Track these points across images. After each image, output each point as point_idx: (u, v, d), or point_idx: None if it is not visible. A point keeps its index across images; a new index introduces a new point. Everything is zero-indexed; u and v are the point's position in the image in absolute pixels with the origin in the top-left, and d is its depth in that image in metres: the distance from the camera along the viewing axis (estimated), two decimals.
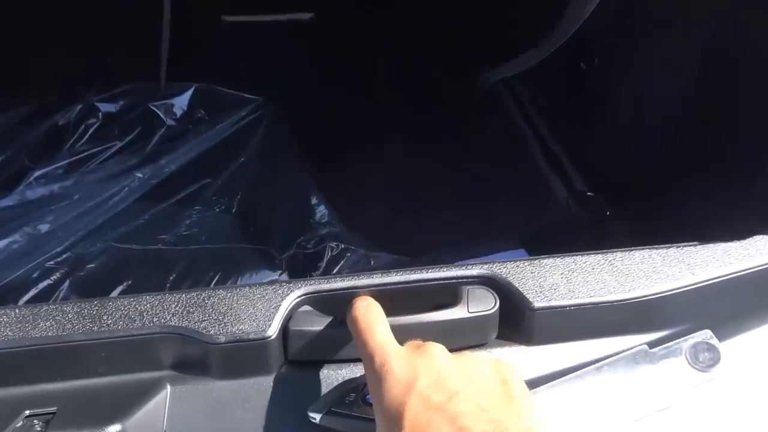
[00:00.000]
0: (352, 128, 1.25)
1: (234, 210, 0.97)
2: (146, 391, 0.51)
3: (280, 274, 0.90)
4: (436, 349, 0.44)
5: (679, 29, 1.03)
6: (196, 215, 0.96)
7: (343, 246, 0.96)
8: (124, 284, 0.84)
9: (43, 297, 0.81)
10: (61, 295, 0.81)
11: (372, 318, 0.47)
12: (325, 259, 0.95)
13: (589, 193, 1.19)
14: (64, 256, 0.86)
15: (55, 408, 0.49)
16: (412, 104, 1.33)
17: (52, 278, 0.83)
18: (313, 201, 1.04)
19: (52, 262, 0.85)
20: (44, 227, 0.91)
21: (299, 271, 0.93)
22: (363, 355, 0.45)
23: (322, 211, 1.02)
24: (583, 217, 1.14)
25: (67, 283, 0.82)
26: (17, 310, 0.51)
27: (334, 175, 1.10)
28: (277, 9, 1.57)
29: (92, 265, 0.85)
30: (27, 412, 0.49)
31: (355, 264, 0.97)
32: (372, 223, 1.03)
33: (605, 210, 1.14)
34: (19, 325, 0.50)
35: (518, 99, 1.39)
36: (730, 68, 0.87)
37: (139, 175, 0.99)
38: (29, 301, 0.81)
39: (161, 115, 1.17)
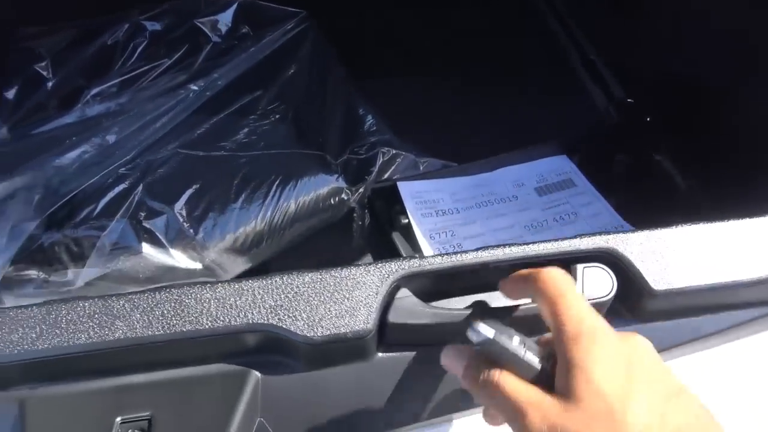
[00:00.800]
0: (395, 42, 1.26)
1: (288, 119, 1.01)
2: (238, 383, 0.48)
3: (336, 178, 0.94)
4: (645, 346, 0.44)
5: None
6: (252, 124, 0.99)
7: (393, 151, 1.00)
8: (193, 187, 0.88)
9: (119, 200, 0.86)
10: (136, 198, 0.86)
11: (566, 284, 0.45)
12: (378, 164, 0.99)
13: (628, 100, 1.20)
14: (135, 163, 0.90)
15: (148, 413, 0.47)
16: (457, 17, 1.34)
17: (126, 183, 0.88)
18: (361, 111, 1.07)
19: (123, 169, 0.90)
20: (111, 138, 0.95)
21: (354, 173, 0.97)
22: (560, 321, 0.43)
23: (370, 120, 1.05)
24: (623, 122, 1.16)
25: (140, 187, 0.87)
26: (96, 301, 0.48)
27: (379, 87, 1.13)
28: None
29: (162, 170, 0.90)
30: (119, 420, 0.47)
31: (406, 168, 1.00)
32: (420, 130, 1.07)
33: (645, 116, 1.16)
34: (99, 319, 0.48)
35: (556, 10, 1.39)
36: None
37: (194, 88, 1.02)
38: (107, 204, 0.86)
39: (207, 31, 1.19)
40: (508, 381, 0.42)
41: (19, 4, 1.30)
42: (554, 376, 0.42)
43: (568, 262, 0.51)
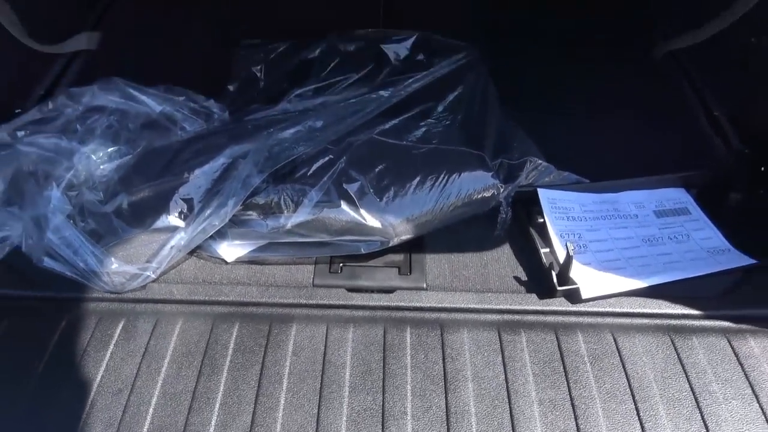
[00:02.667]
0: (540, 77, 1.50)
1: (456, 125, 1.25)
2: None
3: (491, 176, 1.17)
4: None
5: None
6: (427, 126, 1.24)
7: (539, 162, 1.22)
8: (382, 165, 1.13)
9: (326, 167, 1.12)
10: (339, 167, 1.12)
11: None
12: (525, 170, 1.21)
13: (745, 150, 1.37)
14: (339, 143, 1.16)
15: None
16: (594, 69, 1.56)
17: (332, 155, 1.14)
18: (512, 127, 1.30)
19: (329, 146, 1.16)
20: (318, 123, 1.22)
21: (504, 175, 1.20)
22: None
23: (520, 135, 1.27)
24: (739, 169, 1.33)
25: (343, 159, 1.13)
26: None
27: (527, 108, 1.36)
28: None
29: (360, 150, 1.15)
30: None
31: (543, 175, 1.22)
32: (560, 150, 1.28)
33: (759, 165, 1.31)
34: None
35: (683, 64, 1.58)
36: None
37: (384, 94, 1.28)
38: (317, 169, 1.12)
39: (389, 55, 1.47)
40: None
41: (243, 25, 1.64)
42: None
43: None
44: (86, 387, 0.94)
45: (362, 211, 1.10)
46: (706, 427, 0.91)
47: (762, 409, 0.94)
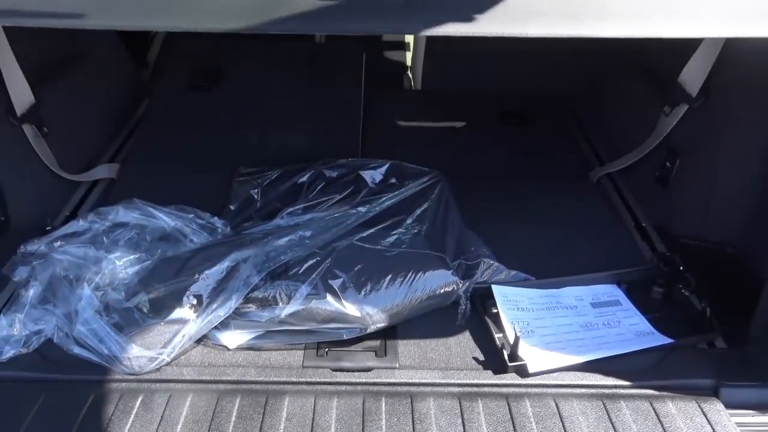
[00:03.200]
0: (494, 196, 1.79)
1: (422, 234, 1.51)
2: None
3: (451, 274, 1.41)
4: None
5: (742, 136, 1.52)
6: (398, 234, 1.50)
7: (492, 263, 1.47)
8: (361, 264, 1.38)
9: (315, 266, 1.36)
10: (325, 267, 1.36)
11: None
12: (480, 270, 1.46)
13: (667, 253, 1.64)
14: (325, 248, 1.41)
15: None
16: (541, 188, 1.87)
17: (319, 257, 1.38)
18: (469, 234, 1.56)
19: (317, 250, 1.41)
20: (308, 233, 1.47)
21: (462, 273, 1.44)
22: None
23: (476, 241, 1.53)
24: (662, 269, 1.58)
25: (328, 260, 1.37)
26: None
27: (482, 220, 1.63)
28: (439, 120, 2.19)
29: (342, 254, 1.40)
30: None
31: (495, 274, 1.47)
32: (510, 254, 1.53)
33: (679, 266, 1.57)
34: None
35: (616, 185, 1.89)
36: None
37: (362, 210, 1.55)
38: (307, 269, 1.36)
39: (366, 179, 1.75)
40: None
41: (240, 156, 1.93)
42: None
43: None
44: None
45: (344, 302, 1.33)
46: None
47: None
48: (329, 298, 1.33)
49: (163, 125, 2.11)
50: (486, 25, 1.05)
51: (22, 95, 1.65)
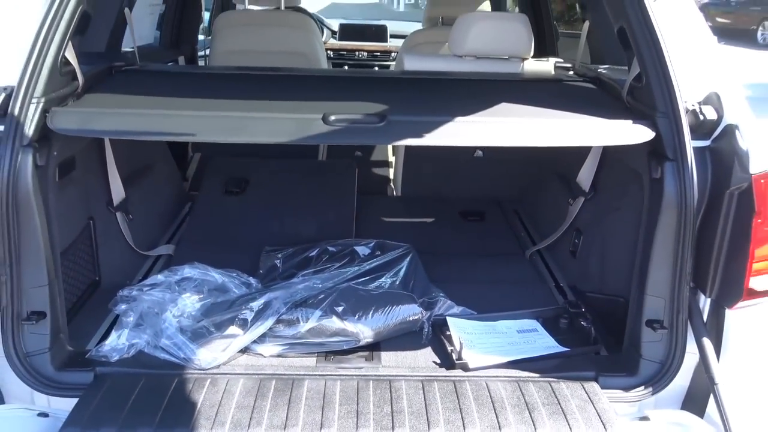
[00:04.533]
0: (450, 267, 2.47)
1: (398, 283, 2.17)
2: None
3: (417, 306, 2.06)
4: None
5: (625, 215, 2.21)
6: (381, 283, 2.17)
7: (447, 301, 2.13)
8: (354, 299, 2.03)
9: (324, 299, 2.01)
10: (331, 299, 2.01)
11: None
12: (437, 305, 2.11)
13: (574, 300, 2.30)
14: (330, 289, 2.07)
15: None
16: (486, 261, 2.56)
17: (321, 297, 2.04)
18: (431, 285, 2.23)
19: (320, 294, 2.06)
20: (318, 282, 2.13)
21: (425, 307, 2.09)
22: None
23: (436, 289, 2.20)
24: (568, 309, 2.23)
25: (333, 296, 2.02)
26: None
27: (441, 279, 2.30)
28: (414, 216, 2.91)
29: (342, 292, 2.05)
30: None
31: (449, 309, 2.12)
32: (462, 300, 2.19)
33: (581, 307, 2.23)
34: None
35: (544, 259, 2.58)
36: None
37: (356, 269, 2.22)
38: (319, 300, 2.01)
39: (359, 252, 2.43)
40: None
41: (264, 241, 2.61)
42: None
43: None
44: (192, 409, 1.70)
45: (345, 322, 1.97)
46: (533, 424, 1.68)
47: (565, 416, 1.71)
48: (334, 319, 1.97)
49: (206, 218, 2.81)
50: (430, 140, 1.79)
51: (117, 191, 2.35)
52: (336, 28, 5.55)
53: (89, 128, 1.79)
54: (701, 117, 1.82)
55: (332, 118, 1.81)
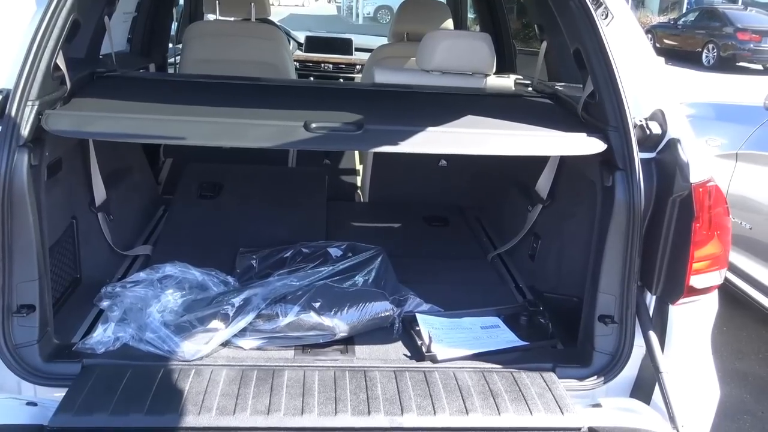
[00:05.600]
0: (415, 268, 2.62)
1: (369, 282, 2.31)
2: None
3: (389, 303, 2.20)
4: None
5: (580, 221, 2.40)
6: (353, 282, 2.30)
7: (416, 299, 2.27)
8: (330, 296, 2.15)
9: (302, 295, 2.13)
10: (308, 295, 2.13)
11: None
12: (408, 302, 2.26)
13: (532, 299, 2.47)
14: (307, 287, 2.19)
15: None
16: (449, 265, 2.72)
17: (299, 293, 2.16)
18: (401, 286, 2.37)
19: (298, 290, 2.18)
20: (294, 281, 2.26)
21: (396, 304, 2.23)
22: None
23: (405, 288, 2.34)
24: (528, 308, 2.40)
25: (310, 292, 2.14)
26: None
27: (409, 281, 2.44)
28: (381, 222, 3.06)
29: (319, 289, 2.18)
30: None
31: (418, 306, 2.27)
32: (428, 295, 2.34)
33: (539, 306, 2.40)
34: None
35: (504, 262, 2.76)
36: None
37: (329, 268, 2.35)
38: (297, 296, 2.13)
39: (331, 254, 2.57)
40: None
41: (239, 243, 2.71)
42: None
43: None
44: (179, 396, 1.80)
45: (321, 317, 2.09)
46: (497, 408, 1.84)
47: (526, 402, 1.87)
48: (312, 314, 2.09)
49: (182, 219, 2.90)
50: (405, 147, 1.94)
51: (100, 192, 2.44)
52: (302, 39, 5.68)
53: (84, 130, 1.88)
54: (648, 131, 2.02)
55: (313, 125, 1.95)
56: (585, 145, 2.07)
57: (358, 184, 3.67)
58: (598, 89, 2.12)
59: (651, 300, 2.06)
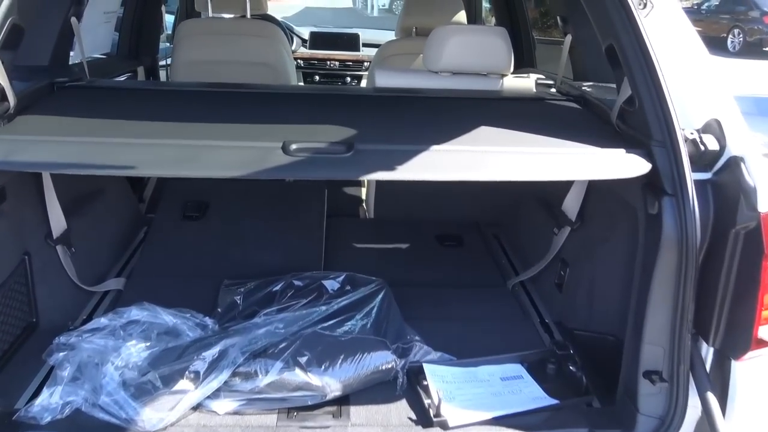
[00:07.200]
0: (425, 300, 2.27)
1: (369, 324, 1.97)
2: None
3: (391, 354, 1.86)
4: None
5: (615, 247, 2.04)
6: (350, 326, 1.95)
7: (423, 346, 1.92)
8: (320, 347, 1.81)
9: (287, 348, 1.79)
10: (294, 348, 1.79)
11: None
12: (413, 351, 1.91)
13: (561, 340, 2.11)
14: (294, 335, 1.85)
15: None
16: (466, 294, 2.36)
17: (283, 345, 1.82)
18: (406, 327, 2.03)
19: (286, 337, 1.85)
20: (281, 326, 1.92)
21: (399, 354, 1.89)
22: None
23: (410, 330, 1.99)
24: (556, 351, 2.05)
25: (297, 343, 1.81)
26: None
27: (417, 317, 2.10)
28: (387, 242, 2.71)
29: (307, 339, 1.84)
30: None
31: (425, 355, 1.92)
32: (439, 341, 1.99)
33: (569, 349, 2.04)
34: None
35: (527, 291, 2.40)
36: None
37: (323, 308, 2.01)
38: (281, 349, 1.79)
39: (327, 287, 2.22)
40: None
41: (225, 271, 2.39)
42: None
43: None
44: None
45: (309, 375, 1.75)
46: None
47: None
48: (297, 371, 1.75)
49: (162, 246, 2.57)
50: (403, 173, 1.59)
51: (58, 222, 2.11)
52: (307, 36, 5.33)
53: (11, 160, 1.55)
54: (702, 147, 1.65)
55: (293, 147, 1.61)
56: (624, 166, 1.71)
57: (363, 197, 3.32)
58: (637, 95, 1.75)
59: (708, 353, 1.69)
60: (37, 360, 1.88)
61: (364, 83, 4.97)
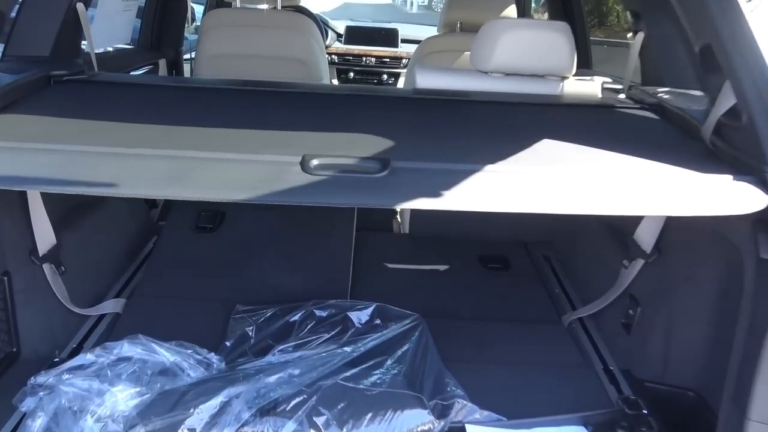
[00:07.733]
0: (471, 339, 1.93)
1: (402, 373, 1.64)
2: None
3: (428, 413, 1.53)
4: None
5: (695, 289, 1.68)
6: (380, 374, 1.63)
7: (466, 404, 1.59)
8: (343, 404, 1.50)
9: (302, 404, 1.48)
10: (311, 404, 1.48)
11: None
12: (453, 409, 1.58)
13: (632, 397, 1.76)
14: (312, 386, 1.54)
15: None
16: (515, 331, 2.02)
17: (306, 395, 1.50)
18: (447, 375, 1.69)
19: (304, 388, 1.53)
20: (297, 371, 1.60)
21: (439, 413, 1.56)
22: None
23: (453, 382, 1.66)
24: (626, 412, 1.70)
25: (314, 398, 1.49)
26: None
27: (460, 360, 1.76)
28: (424, 262, 2.38)
29: (327, 392, 1.52)
30: None
31: (469, 414, 1.58)
32: (484, 393, 1.66)
33: (642, 409, 1.69)
34: None
35: (586, 329, 2.05)
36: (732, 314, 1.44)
37: (347, 350, 1.69)
38: (295, 405, 1.48)
39: (354, 320, 1.90)
40: None
41: (238, 294, 2.09)
42: None
43: None
44: None
45: None
46: None
47: None
48: None
49: (169, 263, 2.28)
50: (448, 203, 1.26)
51: (45, 238, 1.83)
52: (342, 30, 5.02)
53: None
54: None
55: (314, 163, 1.29)
56: (729, 198, 1.34)
57: (397, 209, 2.98)
58: (746, 106, 1.39)
59: None
60: (16, 394, 1.60)
61: (401, 82, 4.64)
